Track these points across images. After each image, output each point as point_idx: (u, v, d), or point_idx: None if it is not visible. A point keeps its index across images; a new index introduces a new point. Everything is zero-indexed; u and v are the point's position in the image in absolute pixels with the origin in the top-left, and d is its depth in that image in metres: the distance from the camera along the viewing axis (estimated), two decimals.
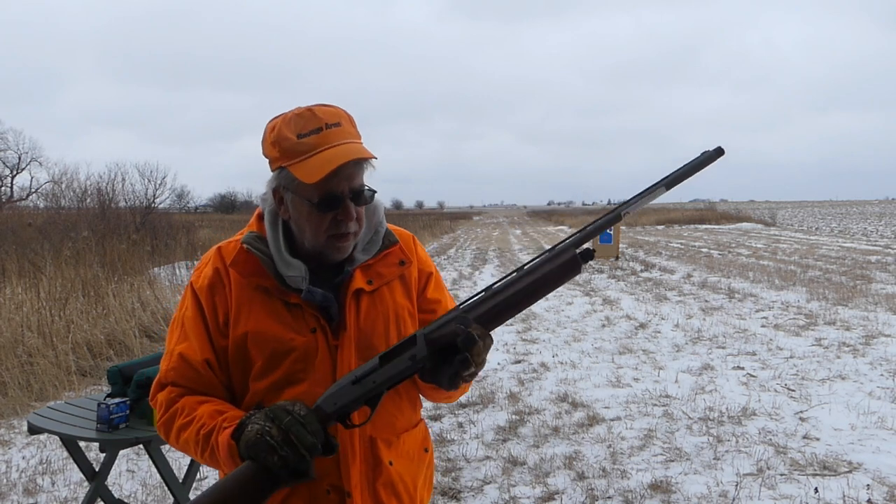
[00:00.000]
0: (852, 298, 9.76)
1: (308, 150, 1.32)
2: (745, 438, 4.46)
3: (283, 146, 1.35)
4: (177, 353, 1.40)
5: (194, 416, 1.34)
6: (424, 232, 29.77)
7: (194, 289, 1.43)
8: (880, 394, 5.32)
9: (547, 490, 3.80)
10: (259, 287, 1.39)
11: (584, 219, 44.75)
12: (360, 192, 1.37)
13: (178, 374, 1.39)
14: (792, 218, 49.54)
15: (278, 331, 1.37)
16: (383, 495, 1.42)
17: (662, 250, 19.93)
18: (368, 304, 1.43)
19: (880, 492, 3.64)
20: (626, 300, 10.36)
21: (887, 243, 21.01)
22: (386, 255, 1.47)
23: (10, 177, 40.20)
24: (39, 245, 10.15)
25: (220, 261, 1.43)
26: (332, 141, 1.33)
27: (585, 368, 6.40)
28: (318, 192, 1.33)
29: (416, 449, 1.51)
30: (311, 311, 1.38)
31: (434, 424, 4.97)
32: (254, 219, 1.48)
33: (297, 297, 1.38)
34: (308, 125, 1.34)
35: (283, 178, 1.37)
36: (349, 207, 1.35)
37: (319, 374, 1.36)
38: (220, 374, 1.40)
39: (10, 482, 4.08)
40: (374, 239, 1.47)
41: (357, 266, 1.43)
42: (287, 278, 1.38)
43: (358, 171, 1.37)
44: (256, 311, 1.38)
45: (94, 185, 18.41)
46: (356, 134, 1.39)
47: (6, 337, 6.06)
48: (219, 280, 1.41)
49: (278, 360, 1.37)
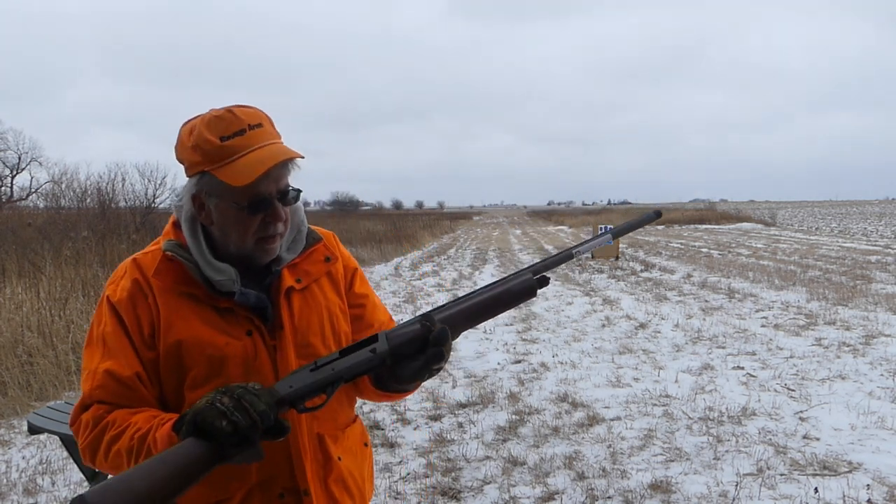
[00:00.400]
0: (852, 298, 9.76)
1: (233, 153, 1.29)
2: (745, 438, 4.46)
3: (205, 150, 1.31)
4: (102, 370, 1.33)
5: (128, 423, 1.28)
6: (424, 232, 29.77)
7: (112, 303, 1.36)
8: (880, 394, 5.32)
9: (547, 490, 3.81)
10: (187, 294, 1.36)
11: (584, 219, 44.75)
12: (286, 193, 1.36)
13: (105, 392, 1.32)
14: (792, 218, 49.54)
15: (213, 337, 1.34)
16: (335, 491, 1.43)
17: (662, 250, 19.93)
18: (301, 302, 1.43)
19: (880, 492, 3.64)
20: (626, 300, 10.36)
21: (887, 243, 21.01)
22: (311, 253, 1.47)
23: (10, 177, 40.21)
24: (39, 245, 10.15)
25: (138, 272, 1.38)
26: (256, 142, 1.31)
27: (585, 368, 6.40)
28: (247, 195, 1.31)
29: (358, 444, 1.53)
30: (245, 314, 1.37)
31: (434, 424, 4.97)
32: (169, 227, 1.43)
33: (227, 301, 1.36)
34: (230, 127, 1.31)
35: (204, 183, 1.33)
36: (278, 209, 1.34)
37: (261, 377, 1.34)
38: (151, 387, 1.35)
39: (10, 482, 4.08)
40: (297, 238, 1.47)
41: (284, 265, 1.42)
42: (216, 283, 1.34)
43: (285, 171, 1.36)
44: (188, 319, 1.35)
45: (94, 185, 18.41)
46: (277, 134, 1.38)
47: (6, 337, 6.07)
48: (139, 291, 1.36)
49: (216, 367, 1.34)
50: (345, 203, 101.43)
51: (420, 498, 3.78)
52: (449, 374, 6.36)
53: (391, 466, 4.23)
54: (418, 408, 5.37)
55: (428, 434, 4.78)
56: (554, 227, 42.08)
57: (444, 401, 5.51)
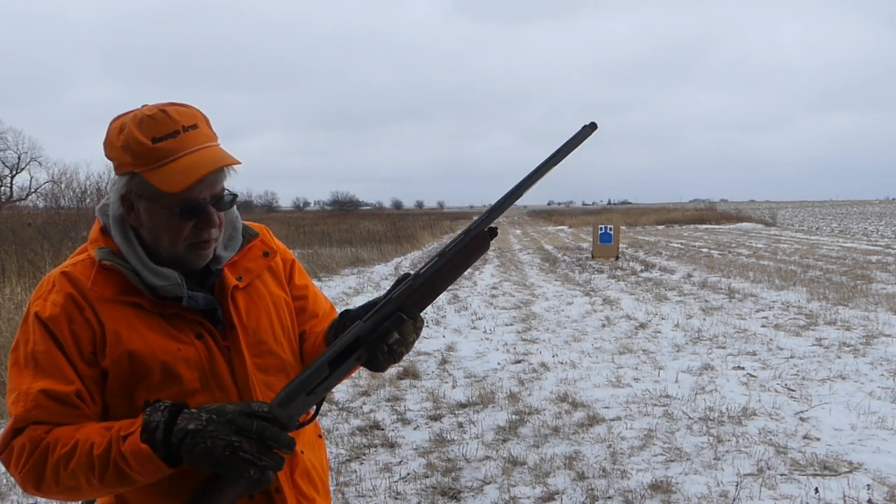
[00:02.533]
0: (852, 298, 9.75)
1: (165, 156, 1.23)
2: (745, 438, 4.46)
3: (135, 151, 1.24)
4: (35, 390, 1.21)
5: (76, 440, 1.19)
6: (424, 232, 29.76)
7: (41, 319, 1.25)
8: (881, 394, 5.32)
9: (547, 490, 3.80)
10: (130, 304, 1.29)
11: (584, 218, 44.75)
12: (221, 198, 1.31)
13: (42, 412, 1.21)
14: (792, 218, 49.54)
15: (164, 343, 1.29)
16: (302, 485, 1.42)
17: (662, 250, 19.93)
18: (246, 300, 1.40)
19: (880, 492, 3.64)
20: (626, 300, 10.35)
21: (888, 243, 21.00)
22: (249, 249, 1.44)
23: (10, 177, 40.22)
24: (39, 245, 10.15)
25: (70, 285, 1.28)
26: (190, 146, 1.25)
27: (585, 368, 6.40)
28: (180, 200, 1.26)
29: (313, 436, 1.52)
30: (193, 318, 1.32)
31: (434, 424, 4.97)
32: (96, 233, 1.35)
33: (173, 306, 1.30)
34: (163, 128, 1.24)
35: (134, 184, 1.27)
36: (211, 215, 1.29)
37: (218, 380, 1.32)
38: (92, 404, 1.26)
39: (10, 482, 4.08)
40: (233, 235, 1.42)
41: (223, 264, 1.39)
42: (159, 289, 1.28)
43: (221, 176, 1.31)
44: (135, 329, 1.28)
45: (94, 184, 18.43)
46: (213, 136, 1.32)
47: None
48: (74, 306, 1.26)
49: (172, 373, 1.29)
50: (345, 203, 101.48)
51: (420, 498, 3.77)
52: (449, 374, 6.36)
53: (391, 466, 4.23)
54: (418, 408, 5.37)
55: (428, 434, 4.77)
56: (554, 227, 42.06)
57: (444, 401, 5.51)
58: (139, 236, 1.32)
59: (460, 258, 1.33)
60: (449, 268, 1.33)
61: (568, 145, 1.34)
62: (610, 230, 17.07)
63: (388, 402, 5.53)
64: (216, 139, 1.33)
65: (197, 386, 1.30)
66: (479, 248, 1.34)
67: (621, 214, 49.30)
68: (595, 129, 1.35)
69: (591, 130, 1.35)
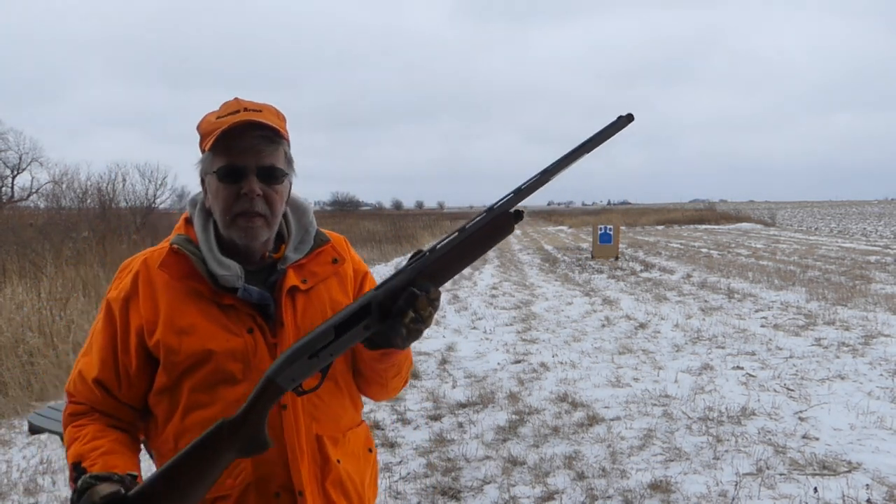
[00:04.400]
0: (852, 298, 9.76)
1: (219, 126, 1.32)
2: (744, 438, 4.47)
3: (203, 129, 1.37)
4: (79, 367, 1.42)
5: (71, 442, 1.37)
6: (424, 232, 29.75)
7: (108, 301, 1.41)
8: (880, 394, 5.33)
9: (547, 490, 3.81)
10: (191, 289, 1.36)
11: (584, 219, 44.75)
12: (267, 170, 1.35)
13: (75, 389, 1.42)
14: (791, 218, 49.54)
15: (214, 332, 1.35)
16: (333, 494, 1.42)
17: (662, 250, 19.94)
18: (305, 302, 1.42)
19: (880, 492, 3.65)
20: (625, 300, 10.36)
21: (887, 243, 21.01)
22: (318, 254, 1.47)
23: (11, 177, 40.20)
24: (40, 245, 10.15)
25: (143, 267, 1.40)
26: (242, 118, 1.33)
27: (585, 368, 6.41)
28: (221, 161, 1.33)
29: (361, 448, 1.52)
30: (247, 311, 1.37)
31: (434, 424, 4.98)
32: (180, 223, 1.45)
33: (230, 297, 1.36)
34: (229, 108, 1.35)
35: (202, 161, 1.39)
36: (252, 181, 1.33)
37: (259, 373, 1.32)
38: (126, 390, 1.39)
39: (10, 482, 4.09)
40: (305, 239, 1.47)
41: (290, 265, 1.43)
42: (220, 278, 1.35)
43: (266, 147, 1.35)
44: (190, 314, 1.35)
45: (95, 185, 18.44)
46: (277, 122, 1.37)
47: (7, 337, 6.07)
48: (134, 291, 1.38)
49: (216, 362, 1.35)
50: (345, 203, 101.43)
51: (420, 498, 3.78)
52: (449, 374, 6.37)
53: (391, 466, 4.24)
54: (418, 408, 5.38)
55: (428, 434, 4.78)
56: (554, 227, 42.06)
57: (444, 401, 5.52)
58: (218, 232, 1.41)
59: (480, 236, 1.26)
60: (467, 245, 1.26)
61: (602, 134, 1.28)
62: (610, 230, 17.07)
63: (388, 401, 5.54)
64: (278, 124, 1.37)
65: (239, 377, 1.35)
66: (502, 230, 1.27)
67: (621, 215, 49.30)
68: (632, 121, 1.29)
69: (628, 122, 1.29)
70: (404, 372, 1.51)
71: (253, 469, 1.36)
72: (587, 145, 1.27)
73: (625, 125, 1.29)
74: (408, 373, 1.54)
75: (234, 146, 1.32)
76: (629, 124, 1.29)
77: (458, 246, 1.26)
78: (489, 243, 1.26)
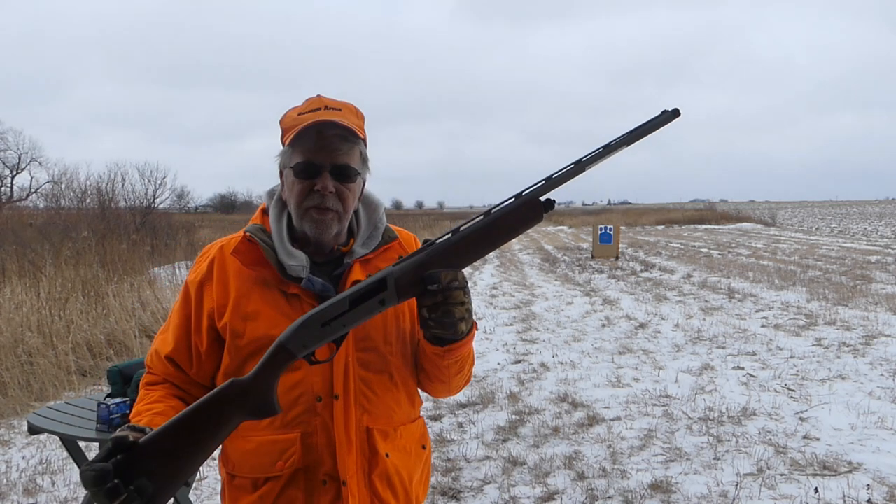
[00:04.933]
0: (852, 298, 9.76)
1: (300, 123, 1.37)
2: (745, 438, 4.46)
3: (285, 124, 1.42)
4: (157, 342, 1.49)
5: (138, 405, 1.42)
6: (424, 232, 29.76)
7: (187, 283, 1.48)
8: (880, 394, 5.32)
9: (547, 490, 3.80)
10: (259, 277, 1.42)
11: (584, 218, 44.74)
12: (341, 168, 1.39)
13: (151, 361, 1.49)
14: (792, 218, 49.54)
15: (276, 319, 1.38)
16: (379, 486, 1.43)
17: (662, 250, 19.93)
18: None
19: (880, 492, 3.64)
20: (625, 300, 10.36)
21: (887, 243, 21.01)
22: (385, 251, 1.49)
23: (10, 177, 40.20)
24: (39, 245, 10.14)
25: (218, 254, 1.46)
26: (321, 116, 1.37)
27: (585, 368, 6.40)
28: (298, 157, 1.39)
29: (414, 444, 1.52)
30: (310, 301, 1.39)
31: (434, 424, 4.97)
32: (258, 212, 1.51)
33: (296, 287, 1.40)
34: (311, 105, 1.41)
35: (282, 154, 1.44)
36: (326, 178, 1.38)
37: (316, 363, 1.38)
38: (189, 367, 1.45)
39: (10, 482, 4.08)
40: (373, 234, 1.50)
41: (356, 259, 1.45)
42: (288, 267, 1.40)
43: (342, 146, 1.39)
44: (255, 301, 1.41)
45: (94, 185, 18.44)
46: (355, 122, 1.41)
47: (6, 337, 6.06)
48: (209, 275, 1.45)
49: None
50: None
51: None
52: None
53: None
54: None
55: (428, 434, 4.78)
56: (554, 227, 42.06)
57: (444, 401, 5.51)
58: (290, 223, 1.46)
59: (506, 221, 1.22)
60: (492, 230, 1.22)
61: (646, 127, 1.24)
62: (610, 230, 17.07)
63: None
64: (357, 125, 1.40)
65: (297, 364, 1.36)
66: (530, 218, 1.22)
67: (621, 214, 49.29)
68: (678, 116, 1.24)
69: (673, 117, 1.24)
70: (467, 370, 1.50)
71: (302, 455, 1.39)
72: (628, 138, 1.22)
73: (670, 120, 1.25)
74: (470, 371, 1.52)
75: (312, 143, 1.37)
76: (675, 119, 1.24)
77: (482, 230, 1.22)
78: (515, 231, 1.22)
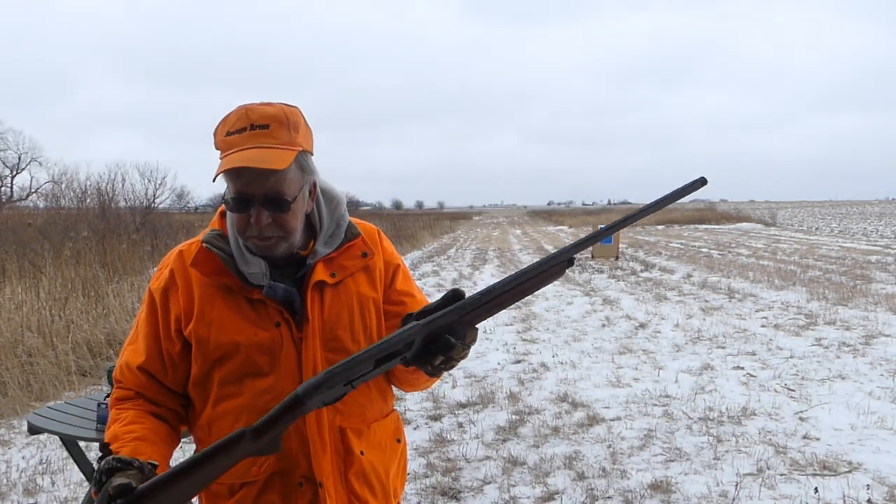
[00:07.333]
0: (852, 298, 9.76)
1: (227, 148, 1.33)
2: (745, 438, 4.46)
3: (215, 141, 1.38)
4: (125, 355, 1.45)
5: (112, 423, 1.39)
6: (424, 232, 29.77)
7: (150, 291, 1.45)
8: (880, 394, 5.32)
9: (547, 490, 3.80)
10: (221, 285, 1.39)
11: (584, 219, 44.78)
12: (272, 199, 1.32)
13: (121, 375, 1.45)
14: (792, 218, 49.55)
15: (242, 327, 1.38)
16: (356, 485, 1.43)
17: (662, 250, 19.93)
18: (332, 296, 1.43)
19: (880, 492, 3.64)
20: (626, 300, 10.35)
21: (887, 243, 21.01)
22: (348, 248, 1.47)
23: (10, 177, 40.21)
24: (39, 245, 10.15)
25: (178, 262, 1.43)
26: (245, 144, 1.31)
27: (585, 368, 6.40)
28: (230, 192, 1.34)
29: (388, 439, 1.53)
30: (275, 306, 1.39)
31: (434, 424, 4.97)
32: (217, 216, 1.47)
33: (259, 293, 1.38)
34: (237, 124, 1.33)
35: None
36: (260, 212, 1.32)
37: (285, 367, 1.38)
38: (164, 376, 1.42)
39: (10, 482, 4.08)
40: (336, 232, 1.47)
41: (319, 259, 1.43)
42: (248, 275, 1.38)
43: (270, 177, 1.31)
44: (219, 309, 1.39)
45: (94, 185, 18.45)
46: (284, 139, 1.33)
47: (6, 337, 6.06)
48: (173, 283, 1.42)
49: (245, 355, 1.38)
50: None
51: (420, 498, 3.78)
52: (449, 374, 6.36)
53: None
54: (418, 408, 5.37)
55: (428, 434, 4.78)
56: (554, 227, 42.07)
57: (444, 401, 5.51)
58: None
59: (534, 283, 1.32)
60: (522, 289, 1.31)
61: (675, 194, 1.37)
62: None
63: None
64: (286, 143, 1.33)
65: (266, 370, 1.38)
66: (555, 275, 1.33)
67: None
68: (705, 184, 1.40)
69: (701, 185, 1.40)
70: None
71: (277, 459, 1.38)
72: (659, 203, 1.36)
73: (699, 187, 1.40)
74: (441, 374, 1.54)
75: (239, 175, 1.32)
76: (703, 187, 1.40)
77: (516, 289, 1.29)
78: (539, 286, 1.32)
